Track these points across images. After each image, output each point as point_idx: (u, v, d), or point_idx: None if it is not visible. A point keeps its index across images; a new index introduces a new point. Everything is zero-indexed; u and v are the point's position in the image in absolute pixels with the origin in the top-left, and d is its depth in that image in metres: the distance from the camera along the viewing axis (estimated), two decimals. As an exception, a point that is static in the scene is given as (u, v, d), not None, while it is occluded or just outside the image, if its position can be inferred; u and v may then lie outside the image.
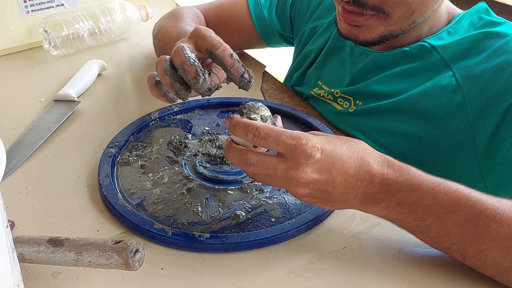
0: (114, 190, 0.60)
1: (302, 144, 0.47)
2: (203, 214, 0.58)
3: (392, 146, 0.71)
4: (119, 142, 0.69)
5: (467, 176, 0.67)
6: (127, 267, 0.46)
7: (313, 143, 0.47)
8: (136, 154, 0.68)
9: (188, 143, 0.70)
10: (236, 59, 0.60)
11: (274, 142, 0.48)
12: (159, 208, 0.59)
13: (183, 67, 0.59)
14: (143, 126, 0.74)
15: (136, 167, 0.66)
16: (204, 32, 0.63)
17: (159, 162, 0.67)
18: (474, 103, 0.66)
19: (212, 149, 0.69)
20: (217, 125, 0.76)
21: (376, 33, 0.69)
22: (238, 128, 0.49)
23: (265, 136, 0.48)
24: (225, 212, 0.59)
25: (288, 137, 0.47)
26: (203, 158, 0.68)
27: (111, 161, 0.65)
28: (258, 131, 0.48)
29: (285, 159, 0.48)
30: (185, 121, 0.77)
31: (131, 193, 0.62)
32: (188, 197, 0.61)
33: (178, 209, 0.59)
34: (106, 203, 0.60)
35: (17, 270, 0.41)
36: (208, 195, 0.61)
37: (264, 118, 0.53)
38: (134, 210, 0.58)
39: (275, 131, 0.48)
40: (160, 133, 0.74)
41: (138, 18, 1.09)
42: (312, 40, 0.89)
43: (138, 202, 0.60)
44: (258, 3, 0.93)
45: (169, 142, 0.71)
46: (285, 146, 0.47)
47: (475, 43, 0.69)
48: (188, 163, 0.67)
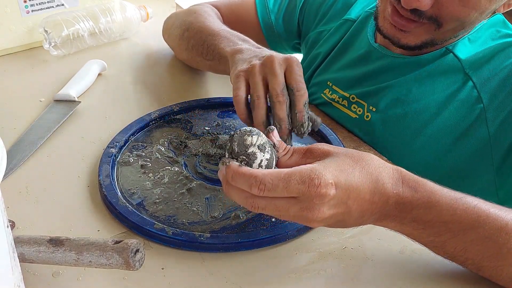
0: (115, 190, 0.60)
1: (315, 185, 0.43)
2: (203, 214, 0.58)
3: (409, 157, 0.71)
4: (119, 142, 0.69)
5: (481, 185, 0.67)
6: (128, 267, 0.46)
7: (326, 180, 0.44)
8: (136, 154, 0.68)
9: (189, 143, 0.70)
10: (307, 107, 0.60)
11: (284, 191, 0.44)
12: (160, 208, 0.59)
13: (281, 124, 0.59)
14: (143, 126, 0.74)
15: (136, 167, 0.66)
16: (295, 66, 0.60)
17: (160, 162, 0.67)
18: (494, 114, 0.66)
19: (212, 149, 0.69)
20: (218, 125, 0.76)
21: (419, 40, 0.68)
22: (238, 180, 0.45)
23: (272, 188, 0.44)
24: (225, 212, 0.59)
25: (299, 181, 0.43)
26: (203, 158, 0.68)
27: (111, 161, 0.65)
28: (263, 183, 0.44)
29: (298, 201, 0.45)
30: (186, 121, 0.77)
31: (131, 193, 0.61)
32: (189, 197, 0.61)
33: (179, 209, 0.59)
34: (106, 203, 0.60)
35: (18, 270, 0.41)
36: (208, 195, 0.61)
37: (262, 147, 0.48)
38: (134, 210, 0.58)
39: (283, 178, 0.44)
40: (160, 133, 0.73)
41: (138, 18, 1.09)
42: (319, 44, 0.89)
43: (138, 202, 0.60)
44: (266, 7, 0.93)
45: (170, 142, 0.71)
46: (297, 192, 0.44)
47: (496, 54, 0.69)
48: (188, 163, 0.67)
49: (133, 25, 1.08)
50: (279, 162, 0.50)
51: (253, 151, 0.47)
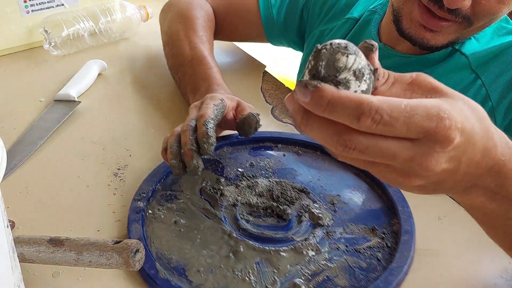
0: (151, 258, 0.52)
1: (445, 126, 0.33)
2: (257, 285, 0.50)
3: None
4: (146, 192, 0.60)
5: None
6: (128, 267, 0.46)
7: (457, 123, 0.34)
8: (167, 207, 0.60)
9: (224, 190, 0.62)
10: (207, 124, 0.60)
11: (405, 127, 0.33)
12: (205, 279, 0.51)
13: (184, 148, 0.59)
14: (169, 170, 0.64)
15: (169, 224, 0.57)
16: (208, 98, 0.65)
17: (195, 216, 0.58)
18: (504, 112, 0.66)
19: (252, 197, 0.61)
20: (251, 165, 0.67)
21: (447, 39, 0.68)
22: (340, 108, 0.32)
23: (390, 121, 0.32)
24: (281, 280, 0.50)
25: (425, 117, 0.33)
26: (243, 208, 0.59)
27: (141, 218, 0.57)
28: (380, 113, 0.32)
29: (414, 144, 0.34)
30: (215, 162, 0.68)
31: (169, 259, 0.53)
32: (236, 262, 0.52)
33: (228, 279, 0.51)
34: (144, 275, 0.51)
35: (18, 270, 0.41)
36: (258, 259, 0.53)
37: (359, 73, 0.34)
38: (178, 283, 0.49)
39: (404, 109, 0.33)
40: (189, 177, 0.64)
41: (138, 18, 1.09)
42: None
43: (179, 272, 0.51)
44: (269, 2, 0.93)
45: (202, 189, 0.62)
46: (422, 131, 0.33)
47: (504, 51, 0.69)
48: (227, 216, 0.58)
49: (133, 25, 1.08)
50: (376, 94, 0.37)
51: (347, 78, 0.34)
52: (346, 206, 0.61)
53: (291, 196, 0.60)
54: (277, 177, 0.64)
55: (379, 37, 0.79)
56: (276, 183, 0.63)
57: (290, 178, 0.65)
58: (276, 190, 0.61)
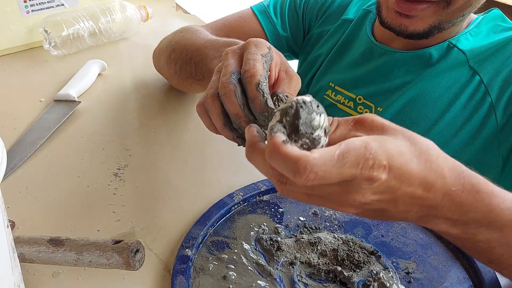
0: None
1: (368, 167, 0.36)
2: None
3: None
4: (197, 238, 0.54)
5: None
6: (128, 267, 0.46)
7: (380, 162, 0.36)
8: (217, 257, 0.53)
9: (282, 243, 0.54)
10: (263, 90, 0.47)
11: (338, 177, 0.36)
12: None
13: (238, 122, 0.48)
14: (224, 213, 0.58)
15: (218, 279, 0.50)
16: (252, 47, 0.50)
17: (247, 272, 0.51)
18: (503, 107, 0.66)
19: (314, 255, 0.53)
20: (314, 214, 0.59)
21: (427, 24, 0.67)
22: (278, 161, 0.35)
23: (325, 176, 0.35)
24: None
25: (354, 163, 0.36)
26: (302, 268, 0.52)
27: (187, 269, 0.50)
28: (315, 171, 0.34)
29: (343, 184, 0.37)
30: (274, 205, 0.61)
31: None
32: None
33: None
34: None
35: (18, 270, 0.41)
36: None
37: (328, 129, 0.38)
38: None
39: (336, 161, 0.35)
40: (244, 222, 0.58)
41: (138, 18, 1.09)
42: (319, 45, 0.88)
43: None
44: (271, 20, 0.91)
45: (258, 239, 0.55)
46: (351, 175, 0.36)
47: (501, 48, 0.69)
48: (284, 276, 0.51)
49: (133, 25, 1.08)
50: None
51: (319, 135, 0.37)
52: (424, 279, 0.51)
53: (358, 260, 0.52)
54: (343, 232, 0.57)
55: (374, 36, 0.80)
56: (342, 241, 0.55)
57: (358, 235, 0.56)
58: (341, 250, 0.53)
